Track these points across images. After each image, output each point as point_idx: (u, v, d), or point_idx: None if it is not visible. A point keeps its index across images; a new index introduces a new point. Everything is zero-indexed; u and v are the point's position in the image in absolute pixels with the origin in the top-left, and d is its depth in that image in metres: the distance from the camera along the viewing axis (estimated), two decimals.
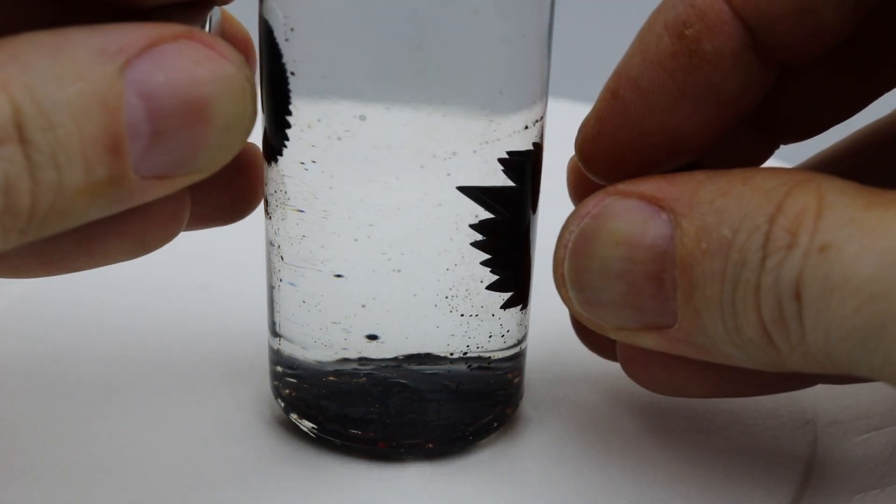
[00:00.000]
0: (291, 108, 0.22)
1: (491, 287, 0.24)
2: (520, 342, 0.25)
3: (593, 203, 0.22)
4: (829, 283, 0.18)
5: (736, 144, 0.25)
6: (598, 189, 0.23)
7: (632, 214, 0.21)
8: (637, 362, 0.25)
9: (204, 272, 0.34)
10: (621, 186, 0.22)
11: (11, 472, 0.24)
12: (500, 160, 0.23)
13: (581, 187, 0.25)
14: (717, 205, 0.20)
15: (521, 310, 0.25)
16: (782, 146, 0.26)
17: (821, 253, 0.18)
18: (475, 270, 0.23)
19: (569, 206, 0.24)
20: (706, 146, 0.23)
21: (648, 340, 0.22)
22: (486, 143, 0.22)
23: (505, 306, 0.24)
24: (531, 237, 0.24)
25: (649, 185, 0.22)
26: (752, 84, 0.22)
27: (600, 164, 0.23)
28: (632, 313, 0.22)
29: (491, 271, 0.23)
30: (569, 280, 0.22)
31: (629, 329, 0.22)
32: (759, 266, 0.19)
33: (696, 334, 0.21)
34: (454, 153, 0.22)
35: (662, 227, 0.21)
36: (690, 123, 0.22)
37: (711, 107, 0.22)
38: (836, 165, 0.26)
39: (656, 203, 0.21)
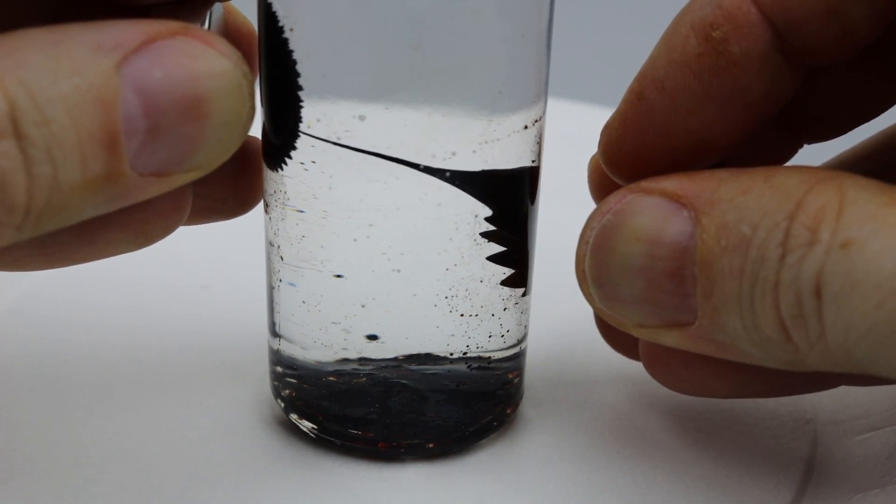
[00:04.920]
0: (301, 93, 0.22)
1: (492, 259, 0.23)
2: (520, 342, 0.25)
3: (615, 199, 0.22)
4: (850, 279, 0.18)
5: (759, 143, 0.25)
6: (619, 186, 0.23)
7: (653, 211, 0.21)
8: (660, 361, 0.25)
9: (205, 272, 0.34)
10: (644, 183, 0.22)
11: (11, 472, 0.24)
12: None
13: (603, 185, 0.25)
14: (738, 202, 0.20)
15: (523, 295, 0.25)
16: (806, 146, 0.26)
17: (843, 249, 0.18)
18: (475, 270, 0.23)
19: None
20: (731, 148, 0.23)
21: (669, 338, 0.22)
22: (486, 143, 0.22)
23: (505, 283, 0.24)
24: (530, 226, 0.24)
25: (671, 183, 0.21)
26: (778, 86, 0.22)
27: (625, 166, 0.23)
28: (652, 310, 0.22)
29: (490, 239, 0.23)
30: (590, 276, 0.22)
31: (650, 326, 0.22)
32: (777, 263, 0.19)
33: (715, 331, 0.21)
34: (454, 153, 0.22)
35: (683, 224, 0.21)
36: (716, 125, 0.22)
37: (737, 109, 0.22)
38: (860, 165, 0.26)
39: (678, 200, 0.21)
